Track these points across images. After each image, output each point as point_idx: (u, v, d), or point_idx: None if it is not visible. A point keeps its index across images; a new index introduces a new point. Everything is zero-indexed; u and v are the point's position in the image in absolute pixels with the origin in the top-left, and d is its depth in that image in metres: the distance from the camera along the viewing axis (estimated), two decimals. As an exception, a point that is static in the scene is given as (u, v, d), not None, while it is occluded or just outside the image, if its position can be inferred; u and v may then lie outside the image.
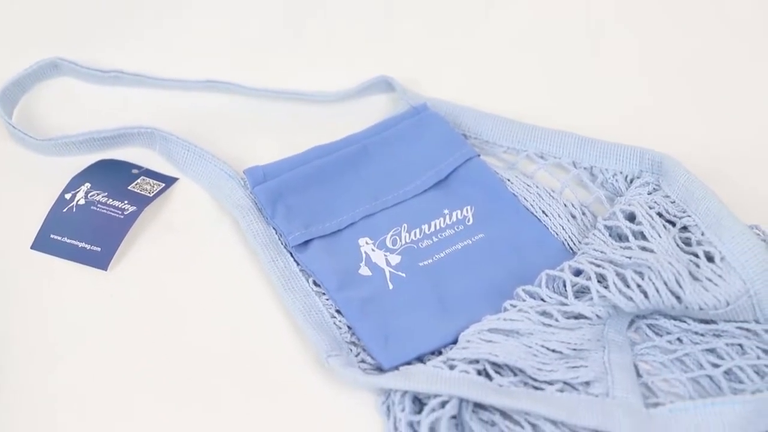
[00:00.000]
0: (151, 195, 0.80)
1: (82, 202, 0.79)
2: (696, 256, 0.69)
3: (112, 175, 0.82)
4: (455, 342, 0.67)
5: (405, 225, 0.76)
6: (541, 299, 0.69)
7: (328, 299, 0.72)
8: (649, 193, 0.76)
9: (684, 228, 0.72)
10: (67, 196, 0.79)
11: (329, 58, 0.97)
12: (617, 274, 0.68)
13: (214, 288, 0.74)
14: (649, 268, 0.67)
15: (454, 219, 0.77)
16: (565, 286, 0.69)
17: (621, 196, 0.78)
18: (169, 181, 0.82)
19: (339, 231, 0.76)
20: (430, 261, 0.74)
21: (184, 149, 0.82)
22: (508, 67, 0.96)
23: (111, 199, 0.79)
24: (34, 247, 0.76)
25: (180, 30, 0.98)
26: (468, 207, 0.78)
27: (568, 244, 0.76)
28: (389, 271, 0.73)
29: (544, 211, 0.78)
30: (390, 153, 0.82)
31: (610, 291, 0.67)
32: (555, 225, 0.77)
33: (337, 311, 0.71)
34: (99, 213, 0.78)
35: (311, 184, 0.78)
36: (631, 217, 0.73)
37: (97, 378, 0.67)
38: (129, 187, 0.80)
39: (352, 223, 0.76)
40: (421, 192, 0.79)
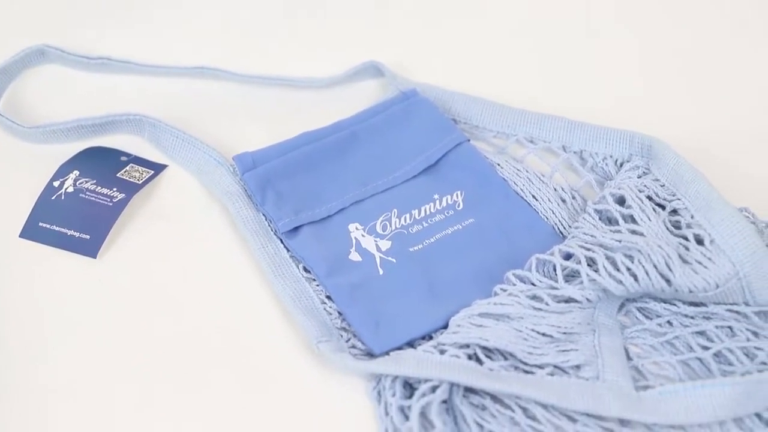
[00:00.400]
0: (140, 182, 0.80)
1: (70, 189, 0.79)
2: (685, 239, 0.69)
3: (100, 163, 0.81)
4: (446, 327, 0.68)
5: (395, 210, 0.76)
6: (532, 283, 0.69)
7: (318, 285, 0.71)
8: (639, 177, 0.76)
9: (674, 211, 0.72)
10: (56, 183, 0.79)
11: (318, 43, 0.96)
12: (607, 257, 0.68)
13: (203, 275, 0.73)
14: (639, 251, 0.67)
15: (444, 204, 0.77)
16: (555, 270, 0.69)
17: (611, 179, 0.78)
18: (158, 168, 0.81)
19: (329, 217, 0.76)
20: (420, 246, 0.74)
21: (172, 136, 0.82)
22: (497, 52, 0.96)
23: (100, 187, 0.79)
24: (22, 236, 0.75)
25: (168, 16, 0.98)
26: (458, 192, 0.78)
27: (558, 228, 0.76)
28: (379, 257, 0.73)
29: (534, 196, 0.78)
30: (380, 138, 0.81)
31: (600, 274, 0.67)
32: (545, 209, 0.77)
33: (328, 297, 0.71)
34: (88, 200, 0.78)
35: (301, 170, 0.78)
36: (621, 201, 0.73)
37: (88, 366, 0.67)
38: (118, 175, 0.80)
39: (341, 209, 0.76)
40: (411, 177, 0.79)
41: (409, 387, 0.64)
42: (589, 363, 0.65)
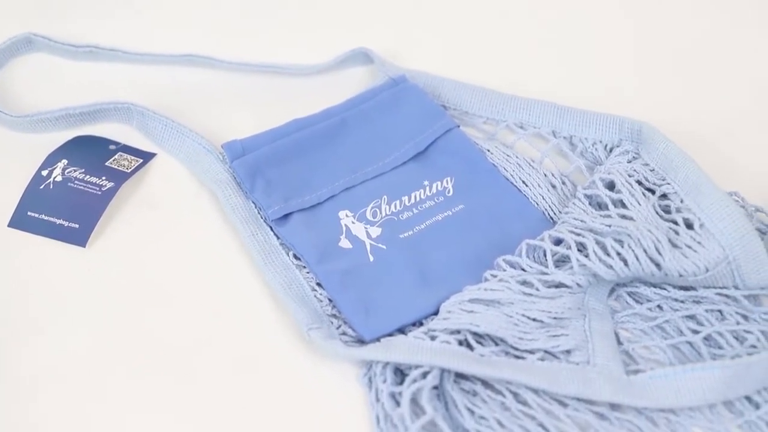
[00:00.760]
0: (129, 171, 0.79)
1: (59, 178, 0.78)
2: (675, 223, 0.69)
3: (89, 151, 0.81)
4: (436, 313, 0.68)
5: (385, 197, 0.76)
6: (522, 269, 0.69)
7: (308, 272, 0.71)
8: (629, 162, 0.76)
9: (663, 195, 0.72)
10: (44, 172, 0.79)
11: (307, 30, 0.96)
12: (597, 242, 0.68)
13: (193, 263, 0.73)
14: (629, 235, 0.67)
15: (434, 190, 0.77)
16: (546, 255, 0.69)
17: (601, 164, 0.78)
18: (147, 157, 0.81)
19: (319, 204, 0.76)
20: (410, 233, 0.74)
21: (161, 124, 0.82)
22: (487, 38, 0.95)
23: (88, 176, 0.78)
24: (11, 225, 0.75)
25: (156, 4, 0.97)
26: (448, 178, 0.78)
27: (548, 213, 0.76)
28: (370, 244, 0.73)
29: (524, 181, 0.78)
30: (369, 125, 0.81)
31: (590, 259, 0.67)
32: (535, 195, 0.77)
33: (318, 284, 0.71)
34: (76, 189, 0.77)
35: (290, 157, 0.78)
36: (611, 186, 0.73)
37: (78, 355, 0.67)
38: (106, 163, 0.80)
39: (331, 196, 0.76)
40: (401, 164, 0.79)
41: (400, 373, 0.64)
42: (580, 348, 0.65)
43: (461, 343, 0.64)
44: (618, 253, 0.67)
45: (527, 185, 0.78)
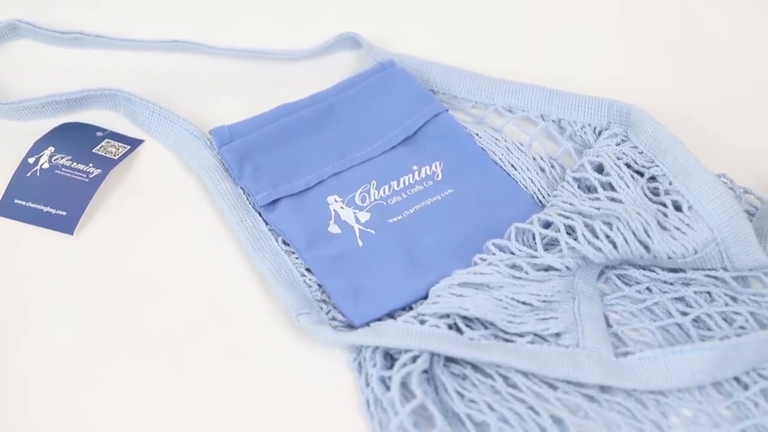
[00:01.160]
0: (116, 157, 0.79)
1: (46, 166, 0.78)
2: (664, 205, 0.69)
3: (76, 139, 0.80)
4: (426, 297, 0.68)
5: (374, 182, 0.76)
6: (511, 252, 0.69)
7: (297, 258, 0.71)
8: (618, 144, 0.76)
9: (652, 178, 0.72)
10: (31, 160, 0.78)
11: (295, 15, 0.95)
12: (586, 225, 0.68)
13: (182, 250, 0.73)
14: (618, 218, 0.67)
15: (423, 175, 0.77)
16: (535, 238, 0.69)
17: (589, 148, 0.78)
18: (135, 143, 0.81)
19: (307, 189, 0.75)
20: (399, 217, 0.73)
21: (148, 110, 0.81)
22: (475, 23, 0.95)
23: (75, 163, 0.78)
24: (-2, 213, 0.75)
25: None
26: (437, 162, 0.77)
27: (537, 197, 0.76)
28: (359, 229, 0.73)
29: (513, 165, 0.78)
30: (357, 110, 0.81)
31: (579, 242, 0.67)
32: (524, 178, 0.77)
33: (307, 270, 0.70)
34: (64, 177, 0.77)
35: (278, 143, 0.78)
36: (600, 169, 0.73)
37: (67, 343, 0.67)
38: (93, 150, 0.79)
39: (320, 182, 0.76)
40: (390, 149, 0.79)
41: (390, 358, 0.64)
42: (569, 330, 0.65)
43: (450, 327, 0.64)
44: (607, 236, 0.67)
45: (516, 169, 0.78)
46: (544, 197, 0.76)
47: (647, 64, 0.90)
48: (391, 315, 0.67)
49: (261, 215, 0.74)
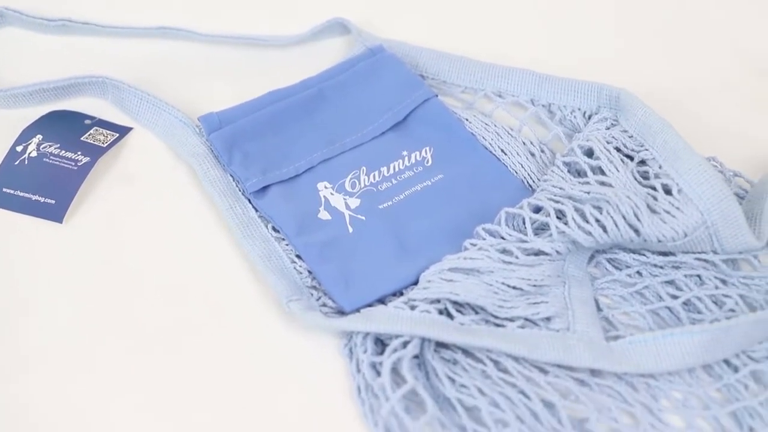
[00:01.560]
0: (105, 145, 0.78)
1: (34, 154, 0.77)
2: (654, 189, 0.69)
3: (64, 126, 0.80)
4: (416, 283, 0.67)
5: (364, 168, 0.76)
6: (501, 237, 0.69)
7: (287, 244, 0.71)
8: (607, 129, 0.75)
9: (642, 162, 0.72)
10: (19, 148, 0.78)
11: (283, 0, 0.95)
12: (576, 209, 0.68)
13: (172, 237, 0.73)
14: (608, 202, 0.67)
15: (413, 160, 0.76)
16: (525, 223, 0.69)
17: (579, 132, 0.78)
18: (123, 131, 0.80)
19: (297, 176, 0.75)
20: (389, 203, 0.73)
21: (136, 98, 0.81)
22: (464, 8, 0.95)
23: (64, 151, 0.78)
24: (-14, 202, 0.74)
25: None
26: (427, 148, 0.77)
27: (527, 181, 0.76)
28: (349, 215, 0.73)
29: (503, 150, 0.78)
30: (347, 96, 0.81)
31: (569, 226, 0.67)
32: (514, 163, 0.77)
33: (297, 256, 0.70)
34: (52, 165, 0.76)
35: (267, 129, 0.77)
36: (589, 153, 0.73)
37: (59, 331, 0.67)
38: (82, 138, 0.79)
39: (310, 168, 0.76)
40: (380, 134, 0.78)
41: (381, 343, 0.64)
42: (560, 315, 0.65)
43: (441, 312, 0.64)
44: (597, 220, 0.67)
45: (506, 154, 0.77)
46: (534, 182, 0.75)
47: (637, 48, 0.90)
48: (382, 301, 0.67)
49: (251, 202, 0.74)
